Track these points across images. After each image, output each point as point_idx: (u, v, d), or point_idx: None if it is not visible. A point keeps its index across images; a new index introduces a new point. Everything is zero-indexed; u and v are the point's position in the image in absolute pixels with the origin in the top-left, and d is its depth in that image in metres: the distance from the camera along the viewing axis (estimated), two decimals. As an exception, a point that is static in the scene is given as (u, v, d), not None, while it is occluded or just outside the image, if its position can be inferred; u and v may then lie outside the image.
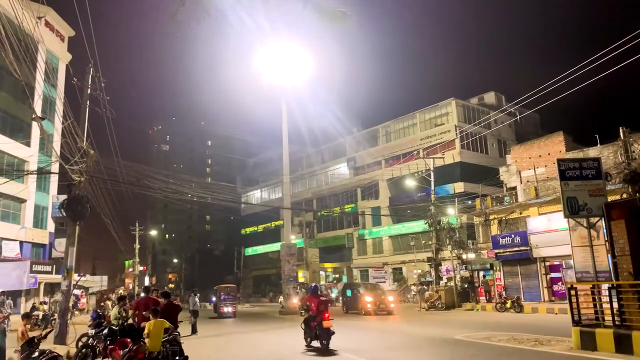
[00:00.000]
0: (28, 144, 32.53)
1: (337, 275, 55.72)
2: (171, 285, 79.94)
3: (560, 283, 25.88)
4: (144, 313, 10.15)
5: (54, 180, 35.02)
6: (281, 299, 35.39)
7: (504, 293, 26.79)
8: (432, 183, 32.41)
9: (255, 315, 30.44)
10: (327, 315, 12.73)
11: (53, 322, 23.40)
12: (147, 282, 66.76)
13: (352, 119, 56.34)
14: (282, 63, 30.93)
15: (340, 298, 35.57)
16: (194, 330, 18.10)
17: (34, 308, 25.86)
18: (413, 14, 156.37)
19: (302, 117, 48.00)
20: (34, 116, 16.57)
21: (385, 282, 46.53)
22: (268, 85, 33.98)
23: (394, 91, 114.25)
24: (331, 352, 12.12)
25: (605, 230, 11.59)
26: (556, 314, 21.40)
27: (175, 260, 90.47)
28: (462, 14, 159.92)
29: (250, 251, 68.25)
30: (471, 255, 32.31)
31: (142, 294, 12.29)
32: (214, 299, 33.91)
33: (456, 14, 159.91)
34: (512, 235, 28.48)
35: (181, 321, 11.33)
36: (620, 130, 24.36)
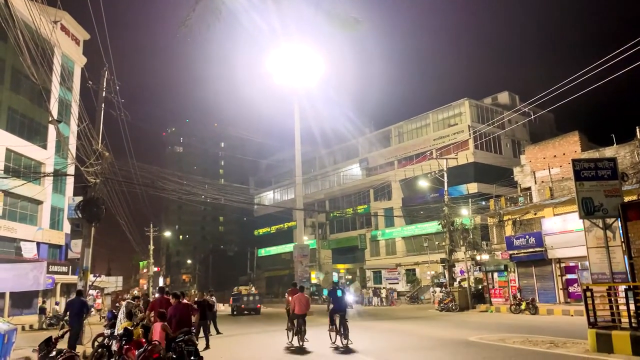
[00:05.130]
0: (45, 147, 33.02)
1: (350, 276, 55.69)
2: (190, 285, 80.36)
3: (575, 284, 25.57)
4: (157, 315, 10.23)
5: (69, 182, 35.50)
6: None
7: (518, 294, 26.55)
8: (446, 184, 32.24)
9: (269, 316, 30.53)
10: None
11: (66, 322, 23.73)
12: (161, 282, 67.26)
13: (365, 120, 56.39)
14: (294, 64, 30.99)
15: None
16: (207, 332, 18.02)
17: (43, 309, 26.27)
18: (426, 15, 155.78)
19: (314, 118, 48.09)
20: (50, 119, 16.83)
21: (398, 283, 46.43)
22: (280, 86, 34.10)
23: (406, 91, 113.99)
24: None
25: (621, 231, 11.45)
26: (572, 315, 21.16)
27: (189, 261, 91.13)
28: (475, 14, 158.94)
29: (263, 252, 68.50)
30: (485, 257, 32.08)
31: (157, 295, 12.41)
32: None
33: (469, 14, 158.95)
34: (527, 236, 28.20)
35: (193, 329, 11.32)
36: (637, 130, 24.08)
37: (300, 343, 13.87)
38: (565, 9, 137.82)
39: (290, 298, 15.14)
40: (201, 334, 14.43)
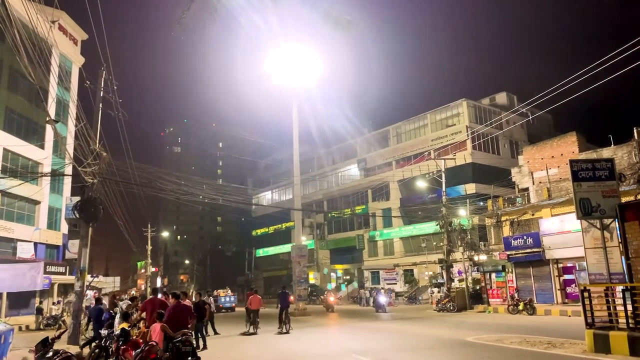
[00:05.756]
0: (42, 147, 32.95)
1: (347, 277, 55.66)
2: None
3: (573, 285, 25.62)
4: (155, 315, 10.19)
5: (67, 182, 35.47)
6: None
7: (516, 295, 26.58)
8: (444, 184, 32.26)
9: (266, 316, 30.47)
10: None
11: (63, 322, 23.70)
12: (159, 283, 67.14)
13: (363, 120, 56.37)
14: (293, 64, 31.01)
15: None
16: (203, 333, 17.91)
17: (40, 309, 26.21)
18: (424, 15, 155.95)
19: (312, 118, 48.15)
20: (47, 119, 16.79)
21: (396, 283, 46.42)
22: (279, 86, 34.10)
23: (404, 92, 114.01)
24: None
25: (618, 232, 11.47)
26: (569, 316, 21.19)
27: (187, 262, 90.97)
28: (473, 14, 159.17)
29: (261, 252, 68.44)
30: (483, 257, 32.11)
31: (151, 296, 12.36)
32: None
33: (467, 15, 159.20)
34: (525, 237, 28.24)
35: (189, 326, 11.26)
36: (635, 131, 24.13)
37: (254, 330, 18.13)
38: (563, 10, 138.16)
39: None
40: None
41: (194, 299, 17.89)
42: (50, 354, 7.92)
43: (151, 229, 53.57)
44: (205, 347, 13.95)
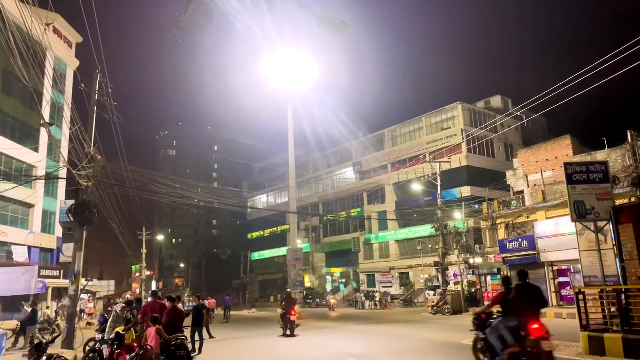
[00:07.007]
0: (36, 150, 32.80)
1: (343, 280, 55.61)
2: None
3: (568, 287, 25.65)
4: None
5: (61, 186, 35.30)
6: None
7: (511, 298, 26.54)
8: (439, 187, 32.32)
9: (261, 320, 30.44)
10: None
11: (57, 326, 23.54)
12: (154, 286, 66.81)
13: (358, 124, 56.45)
14: (289, 68, 31.04)
15: None
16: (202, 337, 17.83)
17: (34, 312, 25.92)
18: (419, 19, 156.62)
19: (308, 122, 48.17)
20: (42, 122, 16.72)
21: (392, 286, 46.42)
22: (274, 90, 34.12)
23: (400, 95, 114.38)
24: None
25: (613, 234, 11.51)
26: (564, 318, 21.21)
27: (182, 265, 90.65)
28: (468, 19, 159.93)
29: (256, 256, 68.31)
30: (478, 260, 32.16)
31: (150, 299, 12.28)
32: None
33: (462, 18, 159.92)
34: (520, 240, 28.28)
35: (188, 326, 11.26)
36: (628, 134, 24.25)
37: (210, 321, 21.44)
38: (557, 13, 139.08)
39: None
40: (196, 337, 14.31)
41: (192, 303, 17.74)
42: (44, 358, 7.87)
43: (146, 233, 53.39)
44: (200, 351, 13.86)
